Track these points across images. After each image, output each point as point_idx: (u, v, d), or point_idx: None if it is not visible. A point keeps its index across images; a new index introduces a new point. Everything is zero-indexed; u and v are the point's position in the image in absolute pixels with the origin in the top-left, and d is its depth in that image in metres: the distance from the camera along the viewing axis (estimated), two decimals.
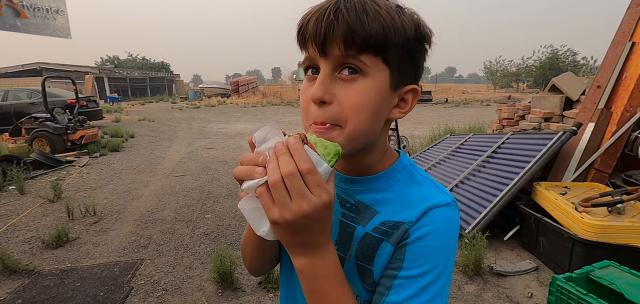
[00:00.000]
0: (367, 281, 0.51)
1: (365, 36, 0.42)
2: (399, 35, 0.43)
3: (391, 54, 0.44)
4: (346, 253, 0.53)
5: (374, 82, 0.44)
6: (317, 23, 0.43)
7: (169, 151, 7.51)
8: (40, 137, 6.69)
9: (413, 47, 0.46)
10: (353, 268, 0.52)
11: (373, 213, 0.52)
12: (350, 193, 0.55)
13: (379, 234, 0.50)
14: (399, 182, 0.53)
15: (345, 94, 0.44)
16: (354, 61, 0.43)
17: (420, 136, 7.58)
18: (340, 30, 0.42)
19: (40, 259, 2.82)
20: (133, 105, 22.25)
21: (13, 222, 3.57)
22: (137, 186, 4.92)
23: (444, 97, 24.65)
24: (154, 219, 3.67)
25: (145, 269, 2.67)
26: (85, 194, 4.54)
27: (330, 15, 0.42)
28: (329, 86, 0.44)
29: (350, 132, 0.45)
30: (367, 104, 0.44)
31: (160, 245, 3.07)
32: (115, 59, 40.12)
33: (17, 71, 23.48)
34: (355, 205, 0.54)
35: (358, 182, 0.54)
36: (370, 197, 0.53)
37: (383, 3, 0.44)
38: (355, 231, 0.52)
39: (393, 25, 0.42)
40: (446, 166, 4.18)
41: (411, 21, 0.45)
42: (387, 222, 0.50)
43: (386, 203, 0.52)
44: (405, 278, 0.46)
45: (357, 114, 0.44)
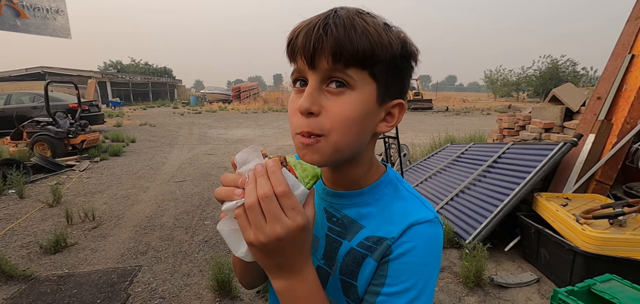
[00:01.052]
0: (351, 296, 0.51)
1: (353, 51, 0.43)
2: (386, 51, 0.44)
3: (378, 69, 0.45)
4: (331, 268, 0.53)
5: (361, 95, 0.45)
6: (306, 37, 0.44)
7: (170, 157, 7.51)
8: (42, 141, 6.70)
9: (399, 63, 0.47)
10: (337, 283, 0.52)
11: (358, 228, 0.52)
12: (337, 208, 0.55)
13: (363, 250, 0.50)
14: (384, 197, 0.53)
15: (332, 106, 0.45)
16: (341, 75, 0.44)
17: (421, 145, 7.57)
18: (329, 44, 0.43)
19: (37, 264, 2.81)
20: (135, 110, 22.33)
21: (11, 227, 3.56)
22: (137, 191, 4.92)
23: (445, 106, 24.70)
24: (153, 225, 3.66)
25: (143, 276, 2.65)
26: (84, 198, 4.53)
27: (320, 30, 0.43)
28: (316, 98, 0.45)
29: (336, 142, 0.45)
30: (353, 116, 0.45)
31: (159, 252, 3.06)
32: (118, 64, 40.40)
33: (20, 75, 23.62)
34: (342, 220, 0.54)
35: (344, 196, 0.54)
36: (355, 211, 0.53)
37: (371, 20, 0.45)
38: (341, 246, 0.53)
39: (380, 42, 0.44)
40: (446, 175, 4.17)
41: (398, 39, 0.46)
42: (371, 237, 0.50)
43: (371, 218, 0.52)
44: (388, 295, 0.46)
45: (343, 125, 0.45)
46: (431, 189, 4.04)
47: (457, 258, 2.82)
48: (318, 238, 0.56)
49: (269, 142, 9.87)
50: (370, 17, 0.46)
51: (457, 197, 3.55)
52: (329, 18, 0.44)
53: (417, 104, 22.15)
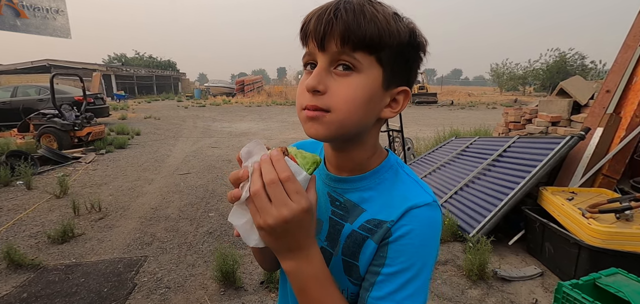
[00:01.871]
0: (354, 275, 0.53)
1: (361, 35, 0.45)
2: (393, 38, 0.46)
3: (385, 55, 0.47)
4: (334, 249, 0.56)
5: (366, 79, 0.47)
6: (318, 21, 0.46)
7: (174, 149, 7.56)
8: (48, 134, 6.77)
9: (406, 51, 0.49)
10: (339, 263, 0.55)
11: (360, 211, 0.54)
12: (340, 192, 0.57)
13: (365, 232, 0.52)
14: (385, 181, 0.55)
15: (337, 86, 0.47)
16: (348, 58, 0.46)
17: (425, 138, 7.54)
18: (338, 28, 0.45)
19: (45, 254, 2.86)
20: (139, 103, 22.44)
21: (20, 217, 3.62)
22: (142, 183, 4.96)
23: (450, 100, 24.51)
24: (158, 217, 3.70)
25: (148, 266, 2.68)
26: (90, 190, 4.58)
27: (331, 14, 0.45)
28: (323, 78, 0.47)
29: (340, 119, 0.47)
30: (358, 97, 0.47)
31: (164, 242, 3.09)
32: (122, 57, 40.49)
33: (26, 67, 23.79)
34: (344, 204, 0.56)
35: (348, 181, 0.56)
36: (358, 195, 0.55)
37: (381, 8, 0.47)
38: (343, 228, 0.55)
39: (388, 29, 0.46)
40: (451, 168, 4.15)
41: (407, 28, 0.48)
42: (372, 220, 0.52)
43: (372, 201, 0.54)
44: (387, 275, 0.48)
45: (348, 105, 0.47)
46: (435, 182, 4.02)
47: (461, 251, 2.82)
48: (322, 221, 0.59)
49: (273, 135, 9.88)
50: (380, 5, 0.47)
51: (462, 191, 3.53)
52: (340, 3, 0.46)
53: (421, 98, 22.00)
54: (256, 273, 2.56)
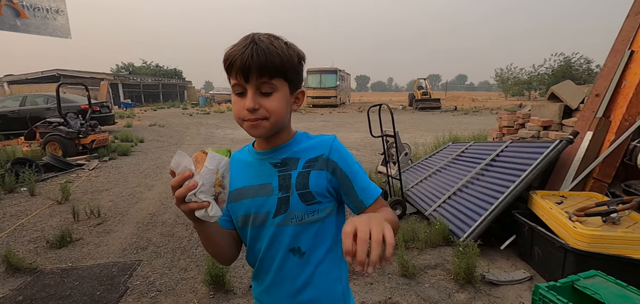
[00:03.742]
0: (308, 199, 0.77)
1: (272, 68, 0.70)
2: (290, 62, 0.73)
3: (288, 75, 0.74)
4: (288, 191, 0.77)
5: (281, 93, 0.74)
6: (240, 61, 0.69)
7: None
8: (53, 141, 6.93)
9: (297, 67, 0.76)
10: (296, 198, 0.77)
11: (297, 160, 0.80)
12: (276, 157, 0.81)
13: (307, 168, 0.78)
14: (303, 140, 0.83)
15: (267, 103, 0.73)
16: (267, 85, 0.72)
17: (425, 144, 7.53)
18: (256, 66, 0.69)
19: (43, 258, 2.93)
20: (145, 111, 22.77)
21: (21, 223, 3.72)
22: (142, 189, 5.05)
23: (453, 105, 24.41)
24: (155, 222, 3.76)
25: (142, 270, 2.74)
26: (92, 196, 4.68)
27: (248, 57, 0.68)
28: (256, 100, 0.72)
29: (273, 122, 0.75)
30: (280, 106, 0.74)
31: (159, 247, 3.15)
32: (130, 66, 41.20)
33: (36, 77, 24.35)
34: (283, 161, 0.80)
35: (280, 149, 0.82)
36: (290, 152, 0.81)
37: (278, 44, 0.72)
38: (291, 175, 0.78)
39: (287, 58, 0.72)
40: (446, 173, 4.15)
41: (294, 52, 0.75)
42: (309, 160, 0.79)
43: (301, 151, 0.81)
44: (353, 176, 0.79)
45: (275, 113, 0.74)
46: (429, 187, 4.03)
47: (451, 255, 2.82)
48: (270, 183, 0.80)
49: None
50: (278, 41, 0.72)
51: (455, 195, 3.54)
52: (253, 46, 0.69)
53: (425, 104, 21.92)
54: (246, 277, 2.59)
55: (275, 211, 0.77)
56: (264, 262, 0.82)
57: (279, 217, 0.77)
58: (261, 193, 0.79)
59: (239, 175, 0.84)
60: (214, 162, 0.62)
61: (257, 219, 0.80)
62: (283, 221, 0.77)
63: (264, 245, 0.80)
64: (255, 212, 0.80)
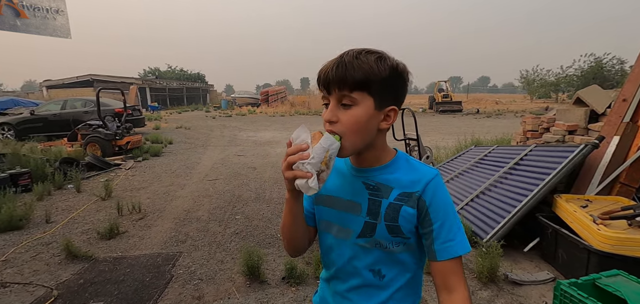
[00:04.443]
0: (395, 232, 0.76)
1: (351, 82, 0.69)
2: (376, 76, 0.69)
3: (373, 89, 0.70)
4: (376, 219, 0.77)
5: (362, 108, 0.71)
6: (324, 75, 0.72)
7: (203, 157, 8.04)
8: (93, 142, 7.47)
9: (390, 82, 0.72)
10: (383, 228, 0.76)
11: (390, 189, 0.77)
12: (371, 178, 0.79)
13: (399, 202, 0.75)
14: (402, 167, 0.79)
15: (344, 117, 0.71)
16: (347, 98, 0.71)
17: (447, 147, 7.53)
18: (335, 79, 0.70)
19: (96, 247, 3.25)
20: (171, 113, 23.72)
21: (72, 216, 4.10)
22: (175, 188, 5.39)
23: (475, 108, 23.90)
24: (190, 218, 4.05)
25: (183, 260, 3.00)
26: (131, 193, 5.05)
27: (331, 71, 0.71)
28: (335, 112, 0.72)
29: (350, 139, 0.72)
30: (358, 122, 0.71)
31: (196, 241, 3.41)
32: (156, 71, 43.00)
33: (72, 82, 25.90)
34: (376, 186, 0.78)
35: (374, 170, 0.79)
36: (384, 178, 0.78)
37: (365, 58, 0.70)
38: (381, 202, 0.77)
39: (372, 71, 0.69)
40: (468, 177, 4.21)
41: (387, 65, 0.71)
42: (402, 193, 0.76)
43: (397, 181, 0.77)
44: (437, 228, 0.73)
45: (351, 125, 0.71)
46: (452, 190, 4.10)
47: (473, 256, 2.91)
48: (360, 203, 0.79)
49: None
50: (369, 55, 0.70)
51: (478, 198, 3.60)
52: (338, 61, 0.71)
53: (445, 106, 21.62)
54: (278, 270, 2.79)
55: (360, 233, 0.78)
56: (341, 274, 0.84)
57: (363, 239, 0.78)
58: (349, 210, 0.80)
59: (333, 180, 0.84)
60: (327, 143, 0.68)
61: (340, 233, 0.82)
62: (367, 244, 0.78)
63: (343, 259, 0.82)
64: (340, 226, 0.81)
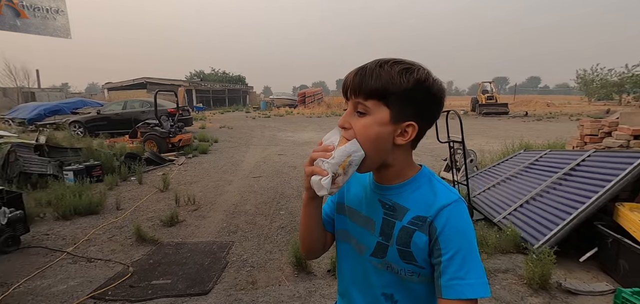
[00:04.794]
0: (407, 258, 0.69)
1: (367, 90, 0.65)
2: (396, 87, 0.64)
3: (391, 100, 0.65)
4: (389, 241, 0.71)
5: (375, 117, 0.66)
6: (345, 80, 0.70)
7: (246, 155, 8.46)
8: (151, 140, 8.19)
9: (411, 95, 0.65)
10: (395, 252, 0.70)
11: (405, 210, 0.70)
12: (388, 197, 0.73)
13: (413, 226, 0.68)
14: (421, 187, 0.71)
15: (356, 124, 0.68)
16: (361, 105, 0.67)
17: (492, 151, 7.22)
18: (352, 86, 0.68)
19: (159, 233, 3.62)
20: (214, 114, 25.07)
21: (137, 205, 4.58)
22: (223, 183, 5.77)
23: (523, 110, 22.40)
24: (239, 211, 4.34)
25: (235, 249, 3.25)
26: (185, 187, 5.50)
27: (350, 76, 0.69)
28: (348, 118, 0.69)
29: (365, 154, 0.68)
30: (369, 131, 0.66)
31: (246, 232, 3.67)
32: (201, 73, 45.66)
33: (129, 84, 28.39)
34: (392, 206, 0.72)
35: (391, 188, 0.73)
36: (402, 198, 0.71)
37: (389, 68, 0.65)
38: (395, 224, 0.71)
39: (392, 81, 0.64)
40: (517, 182, 4.05)
41: (413, 78, 0.65)
42: (417, 217, 0.68)
43: (414, 201, 0.70)
44: (447, 260, 0.64)
45: (363, 136, 0.67)
46: (498, 195, 3.98)
47: (523, 262, 2.82)
48: (374, 221, 0.74)
49: None
50: (390, 65, 0.65)
51: (528, 204, 3.47)
52: (360, 69, 0.67)
53: (489, 109, 20.55)
54: (324, 263, 2.93)
55: (372, 251, 0.74)
56: (355, 289, 0.81)
57: (376, 259, 0.74)
58: (365, 225, 0.76)
59: (355, 192, 0.81)
60: (351, 148, 0.66)
61: (356, 246, 0.79)
62: (379, 265, 0.73)
63: (358, 274, 0.79)
64: (357, 239, 0.78)
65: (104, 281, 2.65)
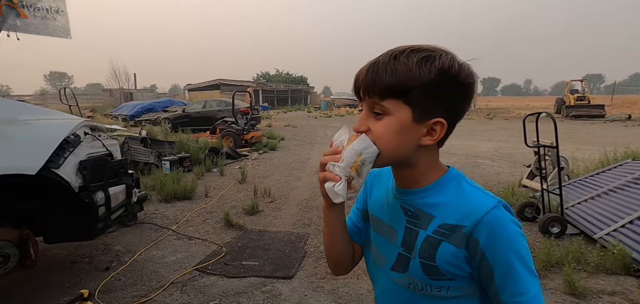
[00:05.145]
0: (435, 274, 0.61)
1: (382, 88, 0.57)
2: (415, 81, 0.55)
3: (412, 96, 0.56)
4: (411, 253, 0.63)
5: (395, 118, 0.58)
6: (356, 79, 0.62)
7: (312, 154, 8.77)
8: (228, 136, 9.01)
9: (435, 88, 0.56)
10: (417, 266, 0.62)
11: (430, 218, 0.62)
12: (410, 203, 0.65)
13: (438, 236, 0.60)
14: (448, 190, 0.62)
15: (374, 126, 0.60)
16: (378, 106, 0.59)
17: (585, 159, 6.36)
18: (365, 84, 0.60)
19: (243, 220, 4.00)
20: (278, 113, 26.39)
21: (222, 194, 5.10)
22: (293, 179, 6.09)
23: (626, 113, 19.07)
24: (310, 206, 4.56)
25: (311, 241, 3.44)
26: (259, 180, 5.94)
27: (362, 74, 0.61)
28: (365, 121, 0.61)
29: (382, 153, 0.59)
30: (390, 134, 0.58)
31: (319, 226, 3.84)
32: (266, 75, 48.45)
33: (205, 85, 31.48)
34: (415, 213, 0.64)
35: (414, 193, 0.65)
36: (425, 202, 0.63)
37: (404, 59, 0.56)
38: (418, 234, 0.63)
39: (410, 75, 0.55)
40: (623, 194, 3.53)
41: (434, 68, 0.55)
42: (444, 225, 0.60)
43: (440, 207, 0.61)
44: (501, 277, 0.56)
45: (383, 140, 0.59)
46: (600, 208, 3.51)
47: (635, 286, 2.48)
48: (396, 230, 0.67)
49: None
50: (407, 55, 0.57)
51: (639, 220, 3.01)
52: (373, 64, 0.59)
53: (580, 111, 17.94)
54: None
55: (393, 264, 0.67)
56: (380, 301, 0.76)
57: (397, 274, 0.67)
58: (387, 235, 0.70)
59: (377, 195, 0.75)
60: (361, 146, 0.58)
61: (377, 257, 0.73)
62: (400, 280, 0.66)
63: (380, 287, 0.74)
64: (377, 249, 0.73)
65: (203, 257, 3.04)
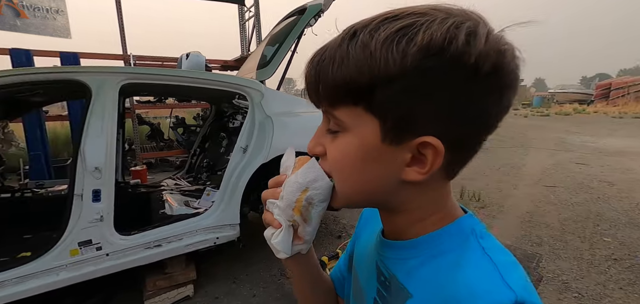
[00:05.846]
0: None
1: (329, 89, 0.37)
2: (380, 74, 0.33)
3: (377, 99, 0.34)
4: None
5: (355, 137, 0.38)
6: (306, 72, 0.40)
7: (526, 159, 7.32)
8: None
9: (418, 82, 0.33)
10: None
11: (405, 296, 0.41)
12: (386, 263, 0.46)
13: None
14: (445, 254, 0.39)
15: (329, 148, 0.41)
16: (331, 118, 0.39)
17: None
18: (308, 85, 0.39)
19: None
20: None
21: None
22: (506, 186, 5.26)
23: None
24: (537, 222, 3.76)
25: (547, 265, 2.82)
26: (463, 182, 5.50)
27: (307, 72, 0.39)
28: (320, 138, 0.42)
29: (339, 189, 0.41)
30: (348, 163, 0.39)
31: (556, 249, 3.10)
32: None
33: None
34: (389, 280, 0.44)
35: (393, 248, 0.45)
36: (404, 269, 0.42)
37: (365, 38, 0.34)
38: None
39: (370, 64, 0.33)
40: None
41: (414, 47, 0.31)
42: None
43: (421, 282, 0.39)
44: None
45: (338, 172, 0.41)
46: None
47: None
48: (365, 297, 0.49)
49: None
50: (366, 33, 0.34)
51: None
52: (317, 53, 0.38)
53: None
54: None
55: None
56: None
57: None
58: (359, 300, 0.52)
59: (365, 242, 0.55)
60: (305, 178, 0.41)
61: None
62: None
63: None
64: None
65: None
